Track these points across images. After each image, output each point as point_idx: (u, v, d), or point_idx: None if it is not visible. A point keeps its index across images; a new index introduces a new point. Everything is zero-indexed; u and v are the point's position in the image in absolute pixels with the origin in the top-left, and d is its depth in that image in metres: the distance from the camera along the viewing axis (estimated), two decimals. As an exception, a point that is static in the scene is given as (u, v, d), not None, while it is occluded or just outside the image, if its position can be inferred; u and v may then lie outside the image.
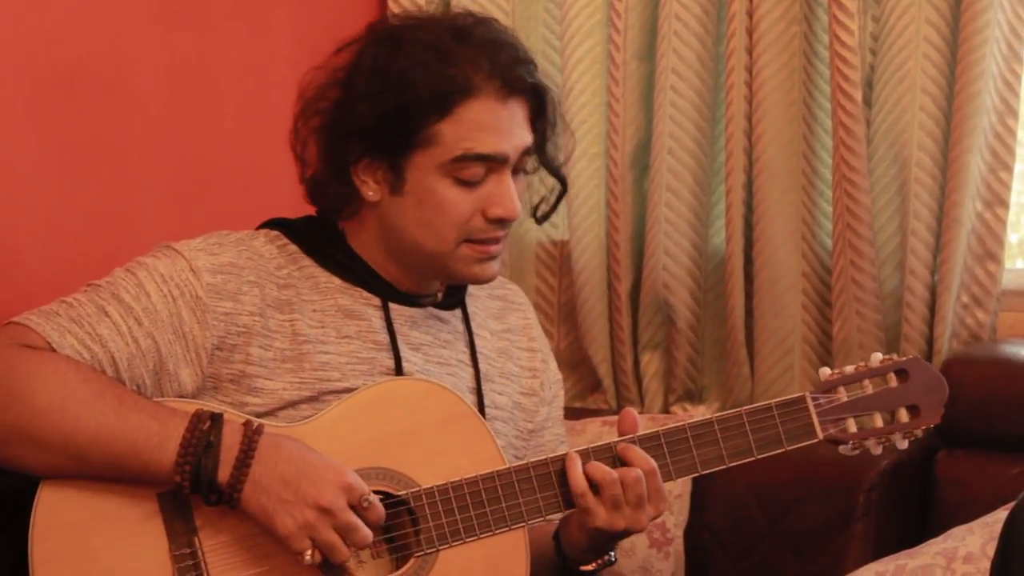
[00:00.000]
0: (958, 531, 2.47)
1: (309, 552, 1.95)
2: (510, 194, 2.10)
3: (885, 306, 2.92)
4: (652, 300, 3.12)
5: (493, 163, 2.09)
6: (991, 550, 2.19)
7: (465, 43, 2.09)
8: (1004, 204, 2.82)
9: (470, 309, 2.26)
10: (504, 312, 2.32)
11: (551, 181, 2.23)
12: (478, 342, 2.24)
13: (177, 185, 2.95)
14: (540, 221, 2.28)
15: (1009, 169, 2.82)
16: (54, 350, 2.00)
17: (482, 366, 2.23)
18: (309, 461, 1.97)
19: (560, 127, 2.19)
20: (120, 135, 2.85)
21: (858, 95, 2.84)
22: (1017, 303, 2.92)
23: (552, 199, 2.25)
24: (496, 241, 2.12)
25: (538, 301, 3.26)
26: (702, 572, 2.87)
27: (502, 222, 2.11)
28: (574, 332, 3.23)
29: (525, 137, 2.12)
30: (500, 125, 2.08)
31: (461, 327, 2.24)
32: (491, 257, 2.13)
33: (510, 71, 2.09)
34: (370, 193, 2.12)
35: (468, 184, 2.08)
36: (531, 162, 2.17)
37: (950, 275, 2.83)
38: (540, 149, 2.16)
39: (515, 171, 2.13)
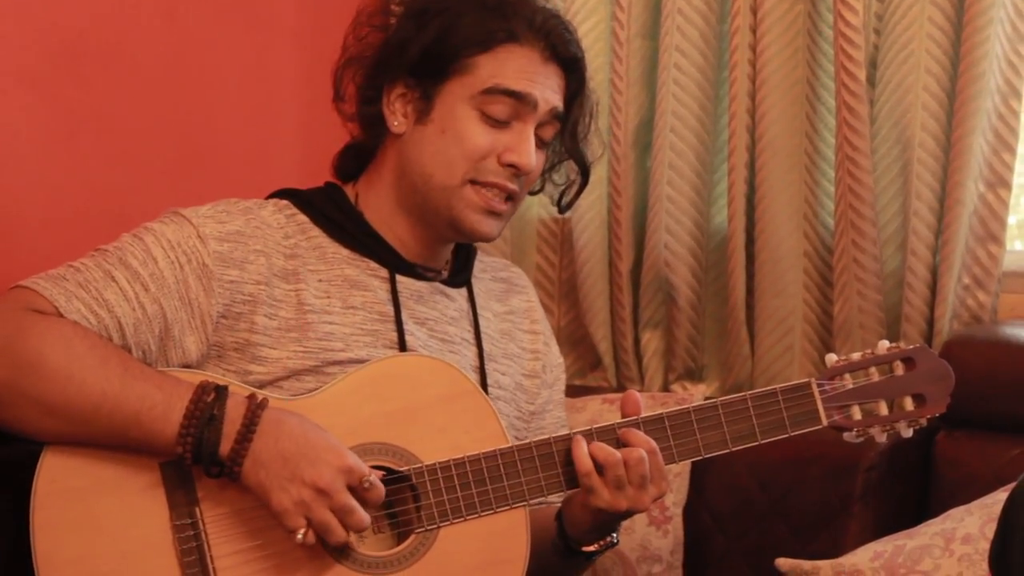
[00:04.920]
0: (957, 512, 2.48)
1: (302, 531, 1.95)
2: (527, 145, 2.13)
3: (886, 287, 2.92)
4: (653, 278, 3.12)
5: (521, 105, 2.12)
6: (990, 531, 2.19)
7: (524, 2, 2.16)
8: (1007, 185, 2.82)
9: (475, 289, 2.26)
10: (507, 294, 2.32)
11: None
12: (482, 322, 2.25)
13: (179, 154, 2.94)
14: (563, 210, 2.31)
15: (1012, 150, 2.82)
16: (61, 315, 2.00)
17: (485, 346, 2.23)
18: (310, 440, 1.97)
19: (593, 125, 2.23)
20: (123, 105, 2.85)
21: (862, 75, 2.84)
22: (1018, 285, 2.92)
23: (572, 189, 2.28)
24: (502, 193, 2.14)
25: (539, 278, 3.26)
26: (701, 551, 2.88)
27: (515, 170, 2.13)
28: (575, 310, 3.23)
29: (557, 100, 2.16)
30: (536, 75, 2.14)
31: (466, 306, 2.24)
32: (492, 212, 2.14)
33: (557, 37, 2.16)
34: (395, 123, 2.16)
35: (492, 121, 2.12)
36: (555, 142, 2.20)
37: (952, 256, 2.83)
38: (565, 127, 2.19)
39: (538, 139, 2.16)
